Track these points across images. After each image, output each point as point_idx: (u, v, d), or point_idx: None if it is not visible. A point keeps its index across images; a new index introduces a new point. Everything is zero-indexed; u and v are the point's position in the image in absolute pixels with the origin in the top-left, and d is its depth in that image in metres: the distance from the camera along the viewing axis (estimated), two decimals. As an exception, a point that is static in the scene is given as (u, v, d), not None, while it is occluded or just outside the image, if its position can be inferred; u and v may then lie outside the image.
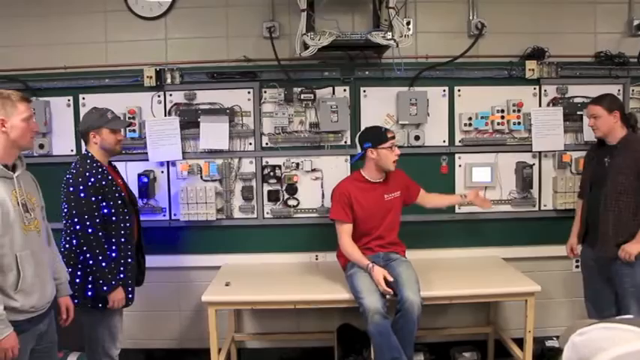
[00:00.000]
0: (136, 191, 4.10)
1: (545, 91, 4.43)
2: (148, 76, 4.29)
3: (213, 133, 4.30)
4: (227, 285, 3.93)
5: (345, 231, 3.80)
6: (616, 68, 4.40)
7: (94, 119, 3.41)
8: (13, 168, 2.71)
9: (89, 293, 3.30)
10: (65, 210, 3.29)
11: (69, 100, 4.36)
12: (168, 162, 4.40)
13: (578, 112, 4.38)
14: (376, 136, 3.79)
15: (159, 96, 4.37)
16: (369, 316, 3.48)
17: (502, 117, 4.36)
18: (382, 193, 3.86)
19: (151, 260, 3.93)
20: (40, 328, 2.76)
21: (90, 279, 3.28)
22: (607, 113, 3.67)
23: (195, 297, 4.29)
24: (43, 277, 2.75)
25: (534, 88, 4.43)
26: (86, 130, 3.41)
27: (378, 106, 4.39)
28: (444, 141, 4.43)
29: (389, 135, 3.81)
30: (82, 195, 3.24)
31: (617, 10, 4.46)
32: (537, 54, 4.35)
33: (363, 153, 3.81)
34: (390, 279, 3.58)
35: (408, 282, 3.61)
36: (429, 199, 4.13)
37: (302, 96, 4.29)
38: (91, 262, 3.25)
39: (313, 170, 4.41)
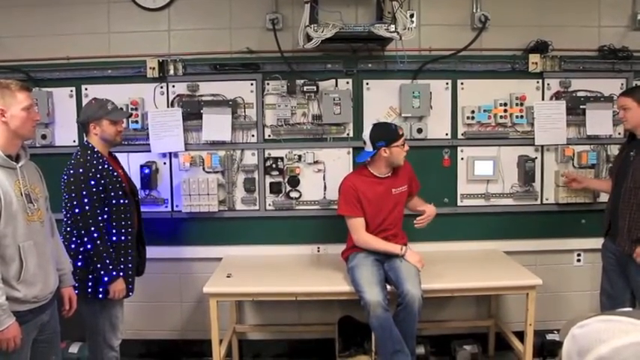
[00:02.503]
0: (138, 182, 4.10)
1: (548, 84, 4.42)
2: (150, 67, 4.29)
3: (216, 125, 4.30)
4: (228, 276, 3.94)
5: (359, 225, 3.80)
6: (619, 62, 4.38)
7: (94, 110, 3.41)
8: (17, 158, 2.72)
9: (90, 284, 3.31)
10: (66, 202, 3.30)
11: (71, 91, 4.36)
12: (170, 153, 4.40)
13: (581, 106, 4.36)
14: (389, 134, 3.77)
15: (161, 87, 4.36)
16: (371, 309, 3.49)
17: (505, 110, 4.35)
18: (390, 187, 3.85)
19: (153, 251, 3.95)
20: (42, 319, 2.78)
21: (90, 269, 3.29)
22: (637, 105, 3.59)
23: (196, 288, 4.30)
24: (46, 268, 2.76)
25: (537, 82, 4.41)
26: (86, 121, 3.41)
27: (381, 98, 4.38)
28: (447, 134, 4.42)
29: (400, 132, 3.81)
30: (84, 194, 3.24)
31: (621, 4, 4.44)
32: (541, 47, 4.33)
33: (375, 152, 3.78)
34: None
35: (409, 275, 3.62)
36: (414, 203, 4.09)
37: (305, 88, 4.28)
38: (92, 253, 3.25)
39: (315, 162, 4.40)
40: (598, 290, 4.03)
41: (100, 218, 3.29)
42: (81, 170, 3.26)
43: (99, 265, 3.27)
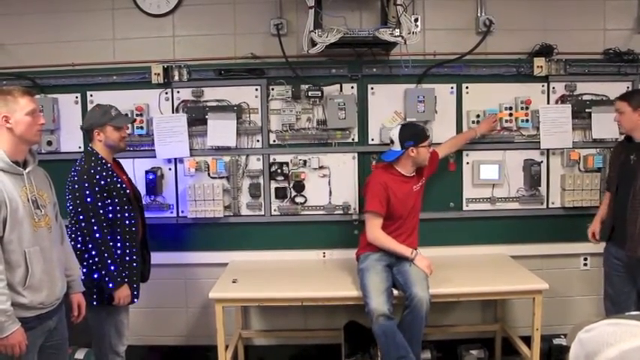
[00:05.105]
0: (143, 188, 4.12)
1: (553, 88, 4.40)
2: (155, 73, 4.30)
3: (221, 130, 4.30)
4: (234, 282, 3.93)
5: (378, 224, 3.81)
6: (625, 65, 4.37)
7: (98, 117, 3.42)
8: (25, 164, 2.72)
9: (95, 290, 3.32)
10: (70, 208, 3.31)
11: (77, 97, 4.37)
12: (175, 159, 4.41)
13: (587, 110, 4.35)
14: (418, 135, 3.82)
15: (166, 93, 4.37)
16: (374, 317, 3.50)
17: (510, 114, 4.34)
18: (412, 185, 3.90)
19: (159, 257, 3.96)
20: (49, 325, 2.77)
21: (95, 276, 3.30)
22: (631, 110, 3.61)
23: (202, 294, 4.29)
24: (53, 274, 2.76)
25: (542, 86, 4.40)
26: (90, 128, 3.43)
27: (386, 103, 4.38)
28: (452, 138, 4.41)
29: (427, 133, 3.88)
30: (89, 200, 3.26)
31: (626, 7, 4.43)
32: (546, 51, 4.33)
33: (404, 151, 3.80)
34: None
35: (417, 279, 3.62)
36: (447, 149, 4.24)
37: (309, 93, 4.28)
38: (97, 259, 3.27)
39: (321, 167, 4.40)
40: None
41: (104, 224, 3.30)
42: (85, 176, 3.27)
43: (104, 272, 3.27)
